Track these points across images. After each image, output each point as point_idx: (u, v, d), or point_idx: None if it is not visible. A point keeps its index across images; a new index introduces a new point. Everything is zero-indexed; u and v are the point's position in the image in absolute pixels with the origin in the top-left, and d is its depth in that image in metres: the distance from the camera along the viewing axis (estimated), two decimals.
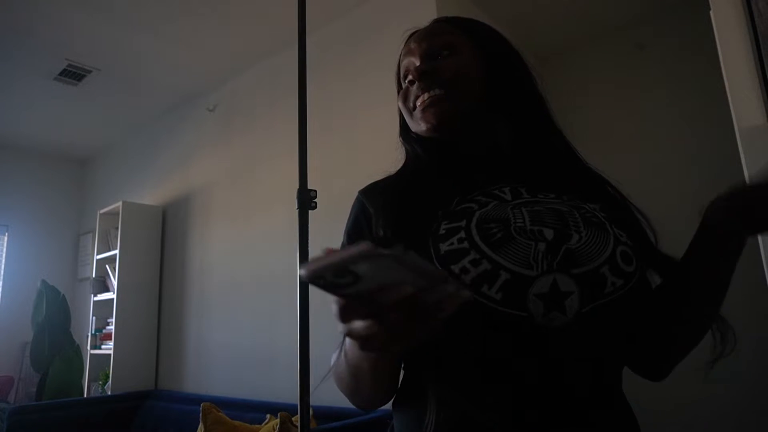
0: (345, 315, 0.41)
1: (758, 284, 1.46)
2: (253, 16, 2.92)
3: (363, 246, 0.35)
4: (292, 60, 1.21)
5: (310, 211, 1.06)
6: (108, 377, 3.61)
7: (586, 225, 0.61)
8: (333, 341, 1.58)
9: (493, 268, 0.57)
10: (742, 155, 1.20)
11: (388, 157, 2.70)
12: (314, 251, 1.10)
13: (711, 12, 1.30)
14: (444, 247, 0.61)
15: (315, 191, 1.06)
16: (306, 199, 1.05)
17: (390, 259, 0.36)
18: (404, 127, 0.84)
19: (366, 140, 2.67)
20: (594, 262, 0.58)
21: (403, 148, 0.85)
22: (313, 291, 1.11)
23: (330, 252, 0.36)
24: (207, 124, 3.76)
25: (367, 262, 0.36)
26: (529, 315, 0.56)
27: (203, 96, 3.82)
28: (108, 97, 3.84)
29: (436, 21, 0.84)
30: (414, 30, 0.85)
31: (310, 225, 1.06)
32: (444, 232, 0.62)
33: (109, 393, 3.53)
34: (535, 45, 3.32)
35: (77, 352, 4.09)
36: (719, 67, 1.28)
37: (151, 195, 4.16)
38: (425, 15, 2.53)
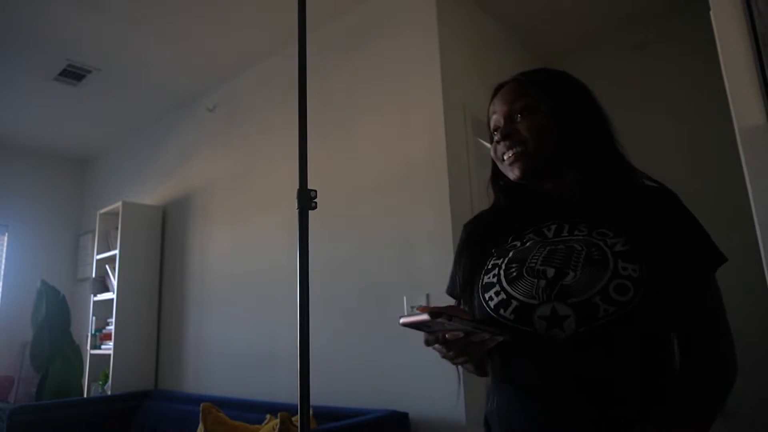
0: (427, 343, 0.79)
1: (758, 284, 1.46)
2: (253, 16, 2.92)
3: (425, 316, 0.69)
4: (292, 60, 1.21)
5: (310, 211, 1.05)
6: (108, 377, 3.61)
7: (586, 263, 0.79)
8: (333, 341, 1.57)
9: (507, 297, 0.82)
10: (742, 155, 1.20)
11: (387, 157, 2.73)
12: (314, 251, 1.10)
13: (711, 12, 1.30)
14: (484, 279, 0.87)
15: (315, 191, 1.06)
16: (306, 199, 1.05)
17: (443, 318, 0.69)
18: (495, 173, 1.01)
19: (366, 140, 2.67)
20: (587, 293, 0.76)
21: (492, 189, 1.03)
22: (313, 291, 1.11)
23: (421, 308, 0.70)
24: (207, 124, 3.76)
25: (432, 321, 0.69)
26: (535, 330, 0.78)
27: (203, 96, 3.82)
28: (108, 97, 3.84)
29: (516, 79, 0.97)
30: (500, 84, 1.00)
31: (310, 225, 1.06)
32: (489, 266, 0.89)
33: (109, 393, 3.53)
34: (535, 45, 3.32)
35: (77, 352, 4.09)
36: (719, 67, 1.28)
37: (151, 195, 4.16)
38: (425, 15, 2.53)
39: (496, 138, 0.94)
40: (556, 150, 0.89)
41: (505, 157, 0.92)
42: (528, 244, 0.87)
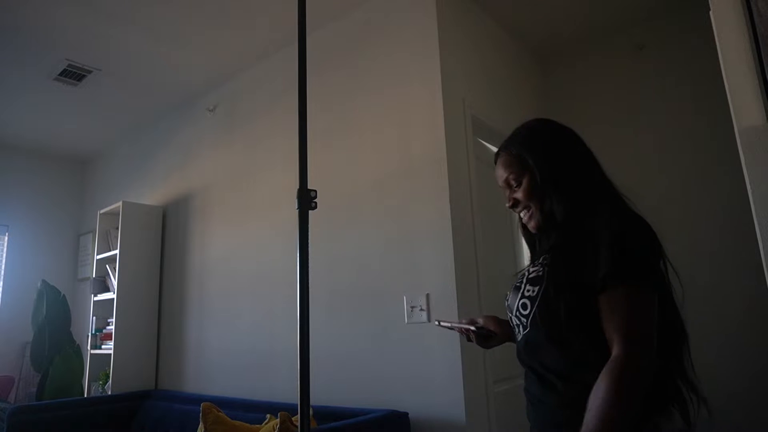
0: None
1: (758, 284, 1.46)
2: (253, 16, 2.92)
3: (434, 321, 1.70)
4: (292, 60, 1.21)
5: (310, 211, 1.05)
6: (108, 377, 3.61)
7: (514, 290, 1.12)
8: (333, 341, 1.57)
9: (507, 312, 1.16)
10: (741, 155, 1.20)
11: (387, 157, 2.73)
12: (314, 251, 1.09)
13: (711, 12, 1.30)
14: (508, 295, 1.16)
15: (315, 191, 1.06)
16: (306, 199, 1.04)
17: (436, 322, 1.31)
18: (520, 219, 1.22)
19: (366, 140, 2.67)
20: (514, 310, 1.10)
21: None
22: (313, 291, 1.11)
23: (446, 321, 1.29)
24: (207, 124, 3.76)
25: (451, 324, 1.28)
26: (516, 332, 1.13)
27: (203, 96, 3.82)
28: (108, 97, 3.85)
29: (499, 154, 1.19)
30: (496, 154, 1.21)
31: (310, 225, 1.06)
32: (515, 284, 1.14)
33: (109, 393, 3.53)
34: (535, 45, 3.32)
35: (77, 352, 4.09)
36: (719, 68, 1.28)
37: (151, 195, 4.16)
38: (425, 15, 2.53)
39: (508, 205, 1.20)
40: (549, 200, 1.09)
41: (522, 216, 1.16)
42: (529, 272, 1.13)
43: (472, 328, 1.24)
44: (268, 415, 2.29)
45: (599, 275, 0.94)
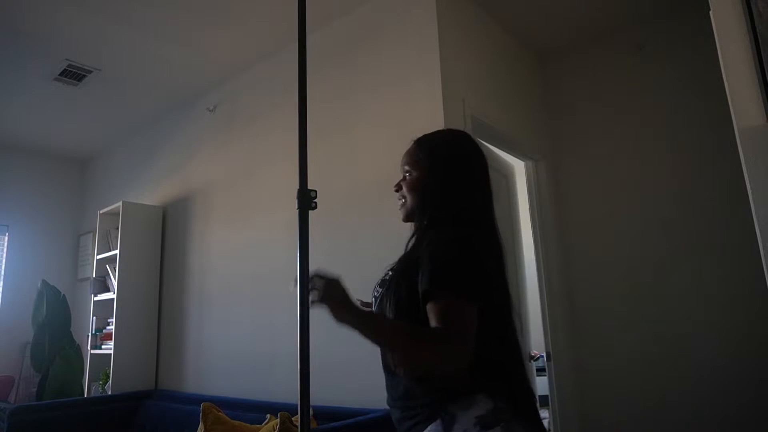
0: None
1: (759, 284, 1.46)
2: (252, 16, 2.92)
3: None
4: (292, 60, 1.21)
5: (310, 211, 1.05)
6: (108, 377, 3.61)
7: (381, 285, 1.20)
8: (332, 341, 1.56)
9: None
10: (741, 155, 1.20)
11: (387, 157, 2.72)
12: (314, 251, 1.10)
13: (711, 12, 1.30)
14: (376, 287, 1.24)
15: (315, 191, 1.06)
16: (306, 199, 1.04)
17: None
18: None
19: (366, 140, 2.67)
20: (375, 304, 1.20)
21: None
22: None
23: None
24: (207, 124, 3.76)
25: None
26: None
27: (203, 96, 3.82)
28: (108, 97, 3.84)
29: (414, 142, 1.28)
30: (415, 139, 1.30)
31: (310, 225, 1.06)
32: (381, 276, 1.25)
33: (109, 393, 3.53)
34: (535, 45, 3.32)
35: (77, 352, 4.09)
36: (719, 67, 1.28)
37: (151, 195, 4.16)
38: (425, 15, 2.53)
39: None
40: (423, 202, 1.18)
41: (398, 204, 1.26)
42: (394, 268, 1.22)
43: None
44: (268, 415, 2.29)
45: (421, 290, 1.02)
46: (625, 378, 2.86)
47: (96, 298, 3.92)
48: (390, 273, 1.18)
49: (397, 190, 1.25)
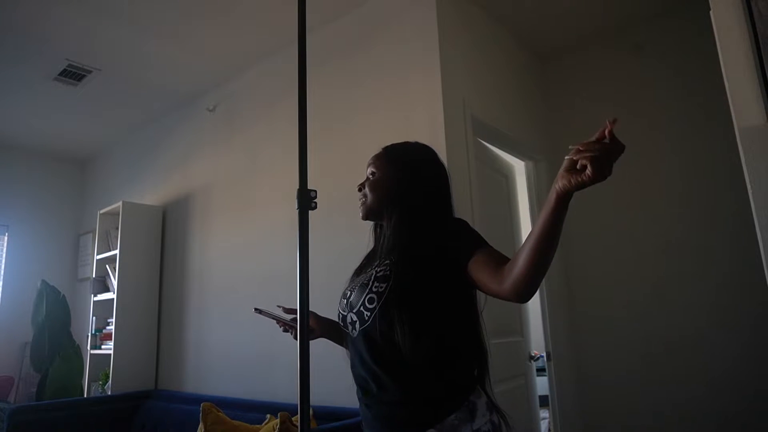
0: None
1: (758, 284, 1.46)
2: (252, 16, 2.92)
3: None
4: (292, 60, 1.21)
5: (310, 211, 1.05)
6: (108, 377, 3.61)
7: (360, 287, 1.21)
8: (332, 341, 1.55)
9: (341, 310, 1.28)
10: (742, 155, 1.20)
11: None
12: (314, 251, 1.10)
13: (711, 12, 1.30)
14: (342, 298, 1.29)
15: (315, 191, 1.06)
16: (306, 199, 1.04)
17: (258, 311, 1.45)
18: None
19: (366, 140, 2.67)
20: (358, 306, 1.19)
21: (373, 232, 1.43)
22: (313, 291, 1.11)
23: (266, 311, 1.48)
24: (207, 124, 3.76)
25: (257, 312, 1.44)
26: (350, 329, 1.24)
27: (203, 96, 3.82)
28: (108, 97, 3.84)
29: (383, 149, 1.37)
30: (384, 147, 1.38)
31: (310, 225, 1.05)
32: (346, 285, 1.32)
33: (109, 393, 3.53)
34: (535, 45, 3.32)
35: (77, 352, 4.09)
36: (719, 67, 1.28)
37: (151, 195, 4.16)
38: (426, 15, 2.53)
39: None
40: (389, 200, 1.27)
41: (359, 201, 1.33)
42: (363, 273, 1.29)
43: (288, 319, 1.39)
44: (268, 415, 2.29)
45: (463, 250, 1.13)
46: (626, 378, 2.87)
47: (96, 298, 3.92)
48: (387, 268, 1.19)
49: (359, 189, 1.34)
